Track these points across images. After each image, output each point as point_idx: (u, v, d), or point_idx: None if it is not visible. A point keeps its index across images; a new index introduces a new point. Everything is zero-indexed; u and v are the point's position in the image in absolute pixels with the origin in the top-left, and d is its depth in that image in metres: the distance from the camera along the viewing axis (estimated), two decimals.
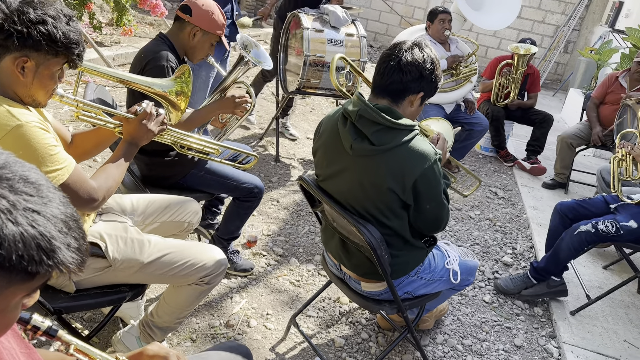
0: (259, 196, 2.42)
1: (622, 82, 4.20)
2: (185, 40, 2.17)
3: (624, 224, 2.58)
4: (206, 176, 2.32)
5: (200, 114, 2.24)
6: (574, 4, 9.13)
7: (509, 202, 4.20)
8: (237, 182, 2.35)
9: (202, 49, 2.21)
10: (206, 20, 2.14)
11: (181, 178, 2.28)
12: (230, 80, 2.30)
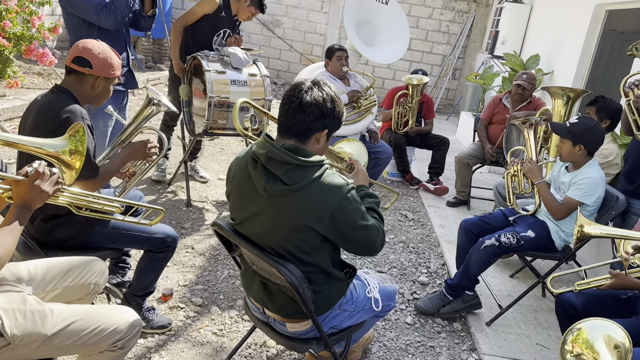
0: (173, 245, 2.32)
1: (505, 103, 4.63)
2: (89, 91, 2.09)
3: (523, 235, 2.79)
4: (113, 232, 2.18)
5: (110, 168, 2.13)
6: (456, 35, 9.98)
7: (418, 223, 4.40)
8: (148, 234, 2.24)
9: (105, 94, 2.17)
10: (106, 68, 2.07)
11: (84, 238, 2.13)
12: (135, 126, 2.22)
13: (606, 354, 0.90)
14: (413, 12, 9.92)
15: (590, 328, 0.92)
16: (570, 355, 0.94)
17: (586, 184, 2.65)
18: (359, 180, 1.96)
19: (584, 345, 0.93)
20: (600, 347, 0.91)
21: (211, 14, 3.82)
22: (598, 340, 0.91)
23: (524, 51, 7.26)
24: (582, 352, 0.93)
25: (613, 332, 0.91)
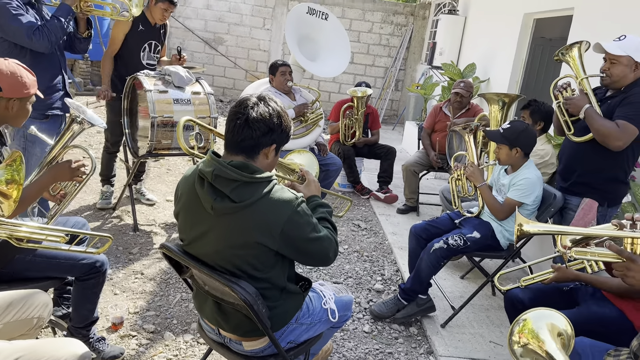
0: (102, 269, 2.21)
1: (445, 111, 4.80)
2: (4, 113, 2.00)
3: (469, 236, 2.89)
4: (35, 259, 2.05)
5: (32, 190, 2.02)
6: (396, 47, 10.28)
7: (371, 232, 4.46)
8: (74, 260, 2.13)
9: (23, 112, 2.08)
10: (18, 87, 1.99)
11: (2, 267, 1.99)
12: (61, 146, 2.14)
13: (550, 342, 0.95)
14: (354, 26, 10.14)
15: (535, 318, 0.97)
16: (517, 345, 0.98)
17: (524, 185, 2.78)
18: (311, 190, 1.97)
19: (529, 335, 0.97)
20: (545, 335, 0.96)
21: (130, 31, 3.75)
22: (542, 330, 0.96)
23: (460, 61, 7.57)
24: (529, 342, 0.97)
25: (556, 321, 0.96)
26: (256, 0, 9.98)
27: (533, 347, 0.96)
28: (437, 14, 9.18)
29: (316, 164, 2.22)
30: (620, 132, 2.57)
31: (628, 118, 2.57)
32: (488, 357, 2.73)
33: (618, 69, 2.66)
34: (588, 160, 2.80)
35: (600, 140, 2.65)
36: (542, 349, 0.95)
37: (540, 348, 0.95)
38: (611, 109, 2.68)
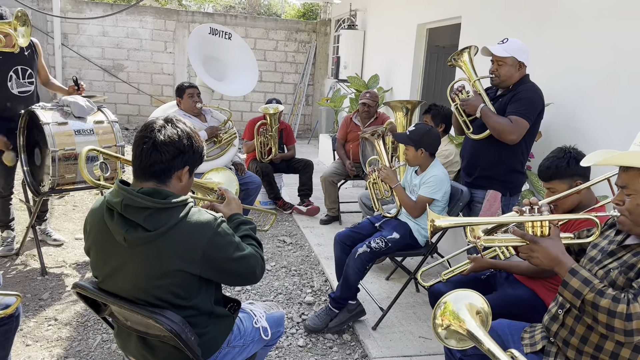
0: (15, 314, 2.04)
1: (355, 121, 4.96)
2: None
3: (389, 237, 2.99)
4: None
5: None
6: (303, 64, 10.48)
7: (297, 246, 4.47)
8: None
9: None
10: None
11: None
12: None
13: (470, 320, 1.01)
14: (259, 45, 10.21)
15: (454, 300, 1.03)
16: (441, 329, 1.03)
17: (433, 182, 2.94)
18: (232, 208, 1.94)
19: (451, 317, 1.02)
20: (465, 315, 1.01)
21: None
22: (462, 310, 1.02)
23: (364, 72, 7.87)
24: (451, 323, 1.02)
25: (473, 300, 1.03)
26: (155, 24, 9.74)
27: (455, 327, 1.02)
28: (338, 29, 9.49)
29: (235, 180, 2.19)
30: (514, 127, 2.80)
31: (519, 113, 2.81)
32: (419, 352, 2.83)
33: (505, 69, 2.90)
34: (488, 155, 3.01)
35: (497, 135, 2.86)
36: (463, 327, 1.00)
37: (462, 327, 1.01)
38: (503, 106, 2.92)
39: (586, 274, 1.52)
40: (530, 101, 2.84)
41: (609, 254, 1.64)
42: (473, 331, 0.99)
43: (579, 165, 2.17)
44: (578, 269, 1.54)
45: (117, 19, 9.46)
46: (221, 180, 2.06)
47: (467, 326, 1.00)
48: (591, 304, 1.47)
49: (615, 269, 1.56)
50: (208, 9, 17.87)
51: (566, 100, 3.35)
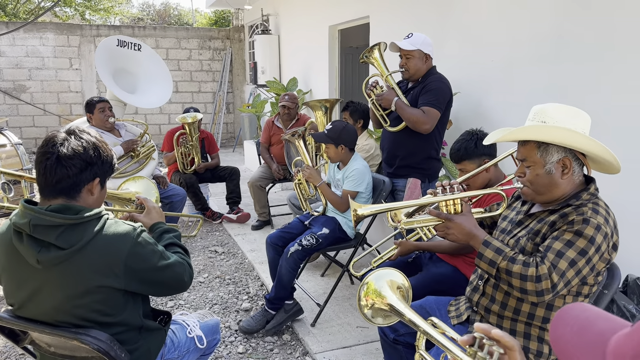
0: None
1: (277, 124, 4.98)
2: None
3: (320, 233, 3.04)
4: None
5: None
6: (219, 71, 10.35)
7: (229, 254, 4.41)
8: None
9: None
10: None
11: None
12: None
13: (391, 295, 1.06)
14: (171, 55, 9.96)
15: (376, 279, 1.07)
16: (367, 309, 1.07)
17: (355, 175, 3.03)
18: (153, 217, 1.88)
19: (374, 295, 1.07)
20: (386, 291, 1.06)
21: None
22: (384, 287, 1.07)
23: (283, 76, 7.92)
24: (375, 302, 1.07)
25: (393, 277, 1.08)
26: (57, 41, 9.23)
27: (379, 305, 1.06)
28: (252, 35, 9.48)
29: (154, 188, 2.13)
30: (427, 117, 2.95)
31: (430, 104, 2.97)
32: (358, 341, 2.90)
33: (413, 62, 3.05)
34: (405, 145, 3.15)
35: (412, 126, 3.00)
36: (386, 303, 1.05)
37: (384, 303, 1.05)
38: (415, 98, 3.06)
39: (498, 244, 1.64)
40: (439, 91, 3.00)
41: (517, 223, 1.77)
42: (395, 305, 1.04)
43: (485, 145, 2.34)
44: (490, 240, 1.65)
45: (14, 37, 8.86)
46: (139, 190, 1.99)
47: (389, 301, 1.05)
48: (505, 271, 1.58)
49: (524, 237, 1.69)
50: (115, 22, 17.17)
51: (471, 89, 3.57)
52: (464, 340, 0.88)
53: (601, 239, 1.53)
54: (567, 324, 0.64)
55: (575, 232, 1.53)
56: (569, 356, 0.61)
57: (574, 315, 0.65)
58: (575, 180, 1.66)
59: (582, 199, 1.61)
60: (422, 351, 1.07)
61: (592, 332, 0.61)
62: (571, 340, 0.62)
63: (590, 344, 0.59)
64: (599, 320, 0.63)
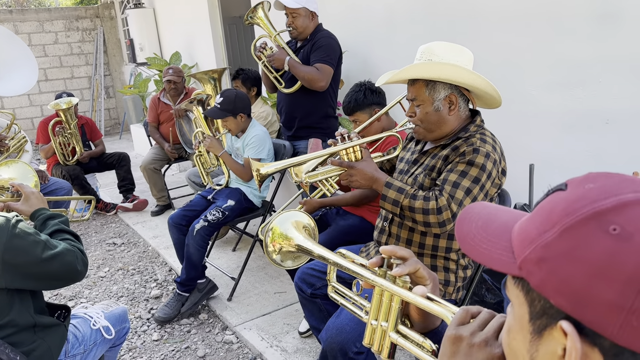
0: None
1: (165, 100, 4.70)
2: None
3: (225, 206, 2.95)
4: None
5: None
6: (92, 53, 9.54)
7: (130, 245, 4.16)
8: None
9: None
10: None
11: None
12: None
13: (298, 236, 1.04)
14: (35, 40, 8.99)
15: (280, 223, 1.04)
16: (275, 254, 1.04)
17: (256, 141, 2.95)
18: (33, 204, 1.68)
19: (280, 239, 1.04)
20: (292, 232, 1.04)
21: None
22: (289, 229, 1.04)
23: (164, 52, 7.49)
24: (282, 245, 1.04)
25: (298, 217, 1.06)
26: None
27: (287, 247, 1.04)
28: (124, 11, 8.82)
29: (32, 172, 1.90)
30: (321, 74, 2.93)
31: (322, 60, 2.95)
32: (277, 306, 2.89)
33: (299, 21, 3.00)
34: (302, 105, 3.13)
35: (307, 85, 2.97)
36: (293, 244, 1.03)
37: (292, 245, 1.03)
38: (306, 56, 3.03)
39: (399, 184, 1.68)
40: (329, 47, 3.00)
41: (413, 162, 1.84)
42: (302, 244, 1.02)
43: (374, 94, 2.40)
44: (392, 181, 1.70)
45: None
46: (13, 175, 1.77)
47: (297, 242, 1.03)
48: (408, 208, 1.64)
49: (421, 174, 1.76)
50: None
51: (358, 47, 3.62)
52: (372, 263, 0.90)
53: (491, 166, 1.63)
54: (472, 220, 0.66)
55: (468, 162, 1.62)
56: (477, 250, 0.62)
57: (477, 212, 0.67)
58: (462, 116, 1.75)
59: (470, 131, 1.70)
60: (333, 283, 1.07)
61: (496, 224, 0.63)
62: (477, 235, 0.63)
63: (496, 235, 0.61)
64: (501, 212, 0.66)
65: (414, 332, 0.84)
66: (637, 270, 0.45)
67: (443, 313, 0.78)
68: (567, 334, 0.49)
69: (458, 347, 0.69)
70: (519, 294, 0.56)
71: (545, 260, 0.51)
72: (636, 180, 0.51)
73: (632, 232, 0.46)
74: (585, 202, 0.50)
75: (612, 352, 0.48)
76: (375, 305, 0.89)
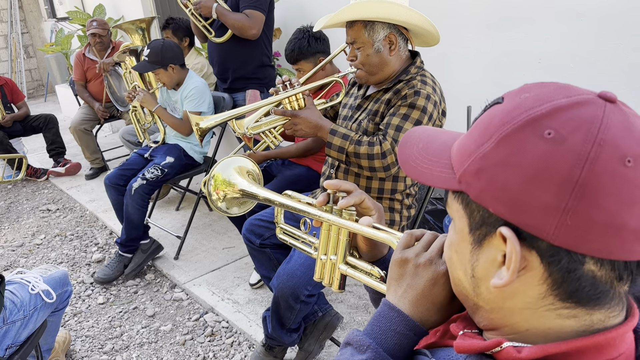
0: None
1: (90, 56, 4.39)
2: None
3: (164, 163, 2.84)
4: None
5: None
6: (6, 9, 8.71)
7: (66, 210, 3.97)
8: None
9: None
10: None
11: None
12: None
13: (242, 181, 1.01)
14: None
15: (222, 169, 1.00)
16: (219, 202, 1.01)
17: (195, 93, 2.83)
18: None
19: (224, 186, 1.00)
20: (236, 178, 1.00)
21: None
22: (232, 175, 1.01)
23: (86, 4, 6.94)
24: (226, 192, 1.01)
25: (241, 163, 1.02)
26: None
27: (231, 194, 1.01)
28: None
29: None
30: (252, 21, 2.81)
31: (252, 6, 2.82)
32: (226, 261, 2.88)
33: None
34: (235, 55, 3.00)
35: (238, 33, 2.85)
36: (237, 190, 1.00)
37: (236, 191, 1.00)
38: (235, 3, 2.87)
39: (344, 130, 1.67)
40: None
41: (357, 108, 1.83)
42: (246, 188, 1.00)
43: (318, 42, 2.33)
44: (336, 128, 1.69)
45: None
46: None
47: (241, 187, 1.00)
48: (353, 154, 1.64)
49: (364, 119, 1.75)
50: None
51: None
52: (319, 201, 0.90)
53: (432, 107, 1.65)
54: (413, 143, 0.67)
55: (409, 105, 1.63)
56: (418, 171, 0.63)
57: (418, 136, 0.68)
58: (402, 56, 1.74)
59: (410, 73, 1.71)
60: (282, 224, 1.06)
61: (436, 144, 0.64)
62: (419, 157, 0.64)
63: (436, 154, 0.62)
64: (440, 134, 0.67)
65: (362, 262, 0.85)
66: (571, 171, 0.47)
67: (389, 239, 0.79)
68: (506, 239, 0.51)
69: (404, 269, 0.71)
70: (459, 208, 0.57)
71: (483, 170, 0.52)
72: (570, 87, 0.52)
73: (566, 135, 0.48)
74: (520, 110, 0.51)
75: (549, 253, 0.50)
76: (324, 240, 0.89)
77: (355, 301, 2.43)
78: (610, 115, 0.48)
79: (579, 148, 0.47)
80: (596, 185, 0.46)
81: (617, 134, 0.47)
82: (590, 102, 0.49)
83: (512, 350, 0.53)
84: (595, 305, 0.52)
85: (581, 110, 0.49)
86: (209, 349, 2.22)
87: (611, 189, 0.47)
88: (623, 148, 0.47)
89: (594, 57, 2.19)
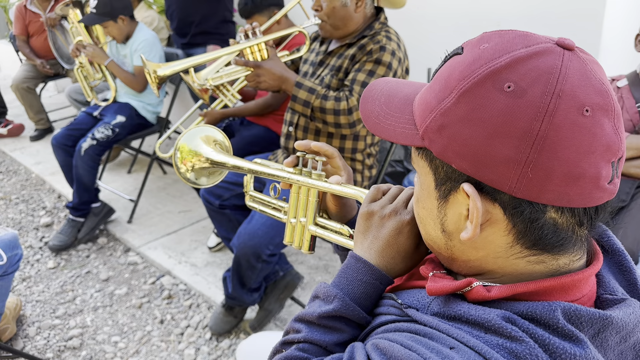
0: None
1: (32, 9, 4.09)
2: None
3: (115, 123, 2.71)
4: None
5: None
6: None
7: (10, 173, 3.75)
8: None
9: None
10: None
11: None
12: None
13: (210, 150, 0.96)
14: None
15: (188, 140, 0.95)
16: (188, 172, 0.97)
17: (146, 46, 2.68)
18: None
19: (191, 157, 0.96)
20: (203, 148, 0.96)
21: None
22: (199, 145, 0.96)
23: None
24: (194, 163, 0.96)
25: (207, 132, 0.97)
26: None
27: (199, 164, 0.96)
28: None
29: None
30: None
31: None
32: (183, 225, 2.81)
33: None
34: (198, 9, 2.88)
35: None
36: (204, 159, 0.96)
37: (204, 161, 0.96)
38: None
39: (310, 83, 1.63)
40: None
41: (319, 64, 1.78)
42: (215, 158, 0.95)
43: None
44: (302, 81, 1.64)
45: None
46: None
47: (208, 156, 0.95)
48: (319, 109, 1.60)
49: (327, 75, 1.71)
50: None
51: None
52: (288, 162, 0.88)
53: (397, 64, 1.62)
54: (375, 98, 0.65)
55: (375, 61, 1.60)
56: (380, 127, 0.62)
57: (379, 89, 0.66)
58: (367, 13, 1.70)
59: (375, 28, 1.67)
60: (251, 192, 1.03)
61: (398, 98, 0.62)
62: (381, 112, 0.63)
63: (398, 109, 0.61)
64: (402, 86, 0.65)
65: (331, 222, 0.85)
66: (531, 125, 0.47)
67: (356, 194, 0.79)
68: (469, 195, 0.51)
69: (370, 221, 0.72)
70: (423, 164, 0.57)
71: (445, 126, 0.52)
72: (529, 35, 0.51)
73: (525, 88, 0.47)
74: (480, 63, 0.50)
75: (512, 206, 0.51)
76: (293, 203, 0.88)
77: (315, 262, 2.45)
78: (568, 65, 0.48)
79: (538, 101, 0.47)
80: (555, 137, 0.47)
81: (575, 84, 0.47)
82: (549, 51, 0.49)
83: (482, 289, 0.54)
84: (560, 251, 0.53)
85: (540, 60, 0.48)
86: (166, 312, 2.18)
87: (570, 139, 0.47)
88: (581, 98, 0.47)
89: (552, 21, 2.22)
